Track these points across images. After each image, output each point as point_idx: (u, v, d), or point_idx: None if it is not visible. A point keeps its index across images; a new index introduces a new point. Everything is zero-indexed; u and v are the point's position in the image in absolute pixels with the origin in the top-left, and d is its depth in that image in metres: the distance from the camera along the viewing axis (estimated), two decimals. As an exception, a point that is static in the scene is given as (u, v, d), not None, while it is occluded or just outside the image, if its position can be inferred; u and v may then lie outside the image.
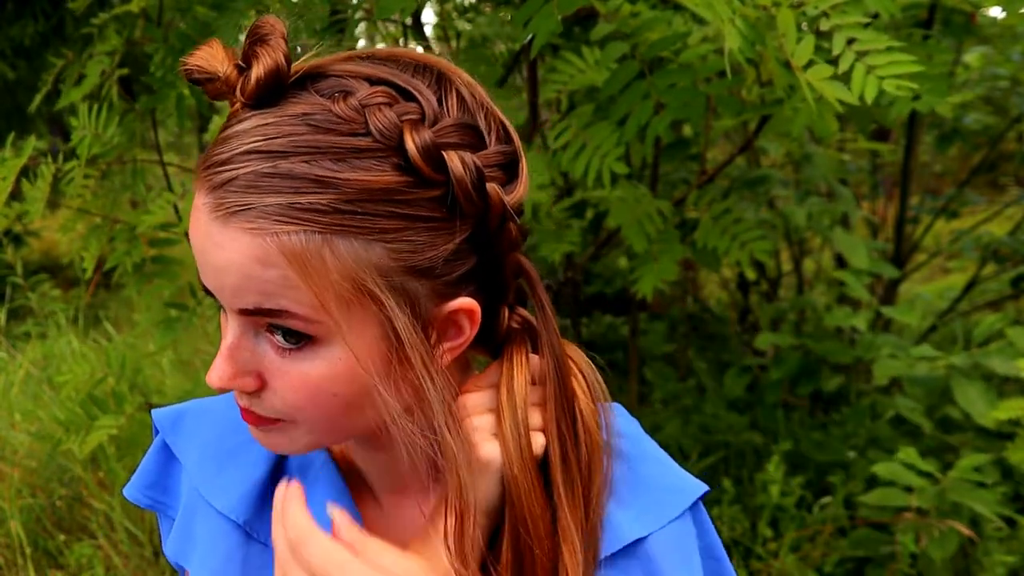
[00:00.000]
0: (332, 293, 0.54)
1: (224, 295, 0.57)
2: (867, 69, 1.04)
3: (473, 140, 0.58)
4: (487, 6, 2.36)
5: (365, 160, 0.54)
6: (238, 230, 0.53)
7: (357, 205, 0.53)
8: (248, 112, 0.55)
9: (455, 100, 0.58)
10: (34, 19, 4.06)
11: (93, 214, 1.82)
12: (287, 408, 0.59)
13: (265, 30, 0.55)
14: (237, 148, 0.54)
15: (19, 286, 3.78)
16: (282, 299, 0.55)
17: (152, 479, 0.76)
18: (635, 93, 1.33)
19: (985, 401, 2.03)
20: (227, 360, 0.58)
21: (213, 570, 0.69)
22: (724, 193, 2.23)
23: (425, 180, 0.55)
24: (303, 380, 0.57)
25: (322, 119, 0.54)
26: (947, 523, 1.90)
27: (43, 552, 2.55)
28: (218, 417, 0.74)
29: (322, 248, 0.53)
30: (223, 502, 0.70)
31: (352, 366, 0.57)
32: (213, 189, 0.54)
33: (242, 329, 0.58)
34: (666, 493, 0.68)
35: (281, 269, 0.53)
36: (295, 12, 1.42)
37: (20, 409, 3.12)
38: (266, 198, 0.53)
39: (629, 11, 1.43)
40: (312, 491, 0.71)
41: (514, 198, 0.60)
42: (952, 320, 2.96)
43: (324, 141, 0.53)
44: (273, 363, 0.58)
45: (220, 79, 0.55)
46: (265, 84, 0.54)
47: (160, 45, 1.56)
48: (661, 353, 3.05)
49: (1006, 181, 5.04)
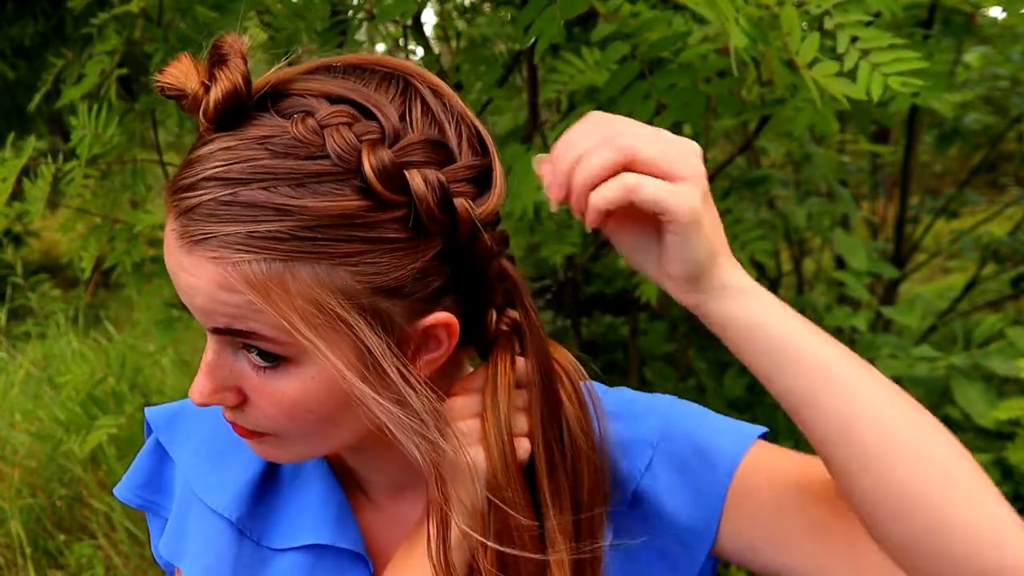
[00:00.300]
0: (298, 317, 0.54)
1: (197, 315, 0.58)
2: (872, 67, 1.04)
3: (438, 156, 0.57)
4: (487, 6, 2.36)
5: (324, 184, 0.53)
6: (201, 258, 0.54)
7: (317, 232, 0.53)
8: (211, 134, 0.55)
9: (419, 113, 0.57)
10: (34, 19, 4.06)
11: (93, 214, 1.83)
12: (269, 423, 0.60)
13: (224, 50, 0.54)
14: (200, 173, 0.54)
15: (19, 286, 3.78)
16: (251, 322, 0.55)
17: (144, 478, 0.76)
18: (636, 94, 1.33)
19: (985, 401, 2.03)
20: (207, 376, 0.59)
21: (205, 567, 0.69)
22: (724, 193, 2.23)
23: (385, 202, 0.54)
24: (279, 398, 0.58)
25: (280, 143, 0.53)
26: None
27: (43, 552, 2.55)
28: (213, 416, 0.74)
29: (283, 275, 0.53)
30: (217, 500, 0.71)
31: (326, 384, 0.57)
32: (179, 215, 0.55)
33: (219, 346, 0.59)
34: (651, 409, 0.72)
35: (244, 295, 0.54)
36: (296, 13, 1.42)
37: (20, 409, 3.13)
38: (226, 227, 0.53)
39: (629, 11, 1.43)
40: (305, 490, 0.72)
41: (485, 209, 0.58)
42: (952, 320, 2.96)
43: (282, 167, 0.53)
44: (251, 380, 0.59)
45: (189, 97, 0.55)
46: (224, 107, 0.54)
47: (160, 45, 1.56)
48: (661, 353, 3.04)
49: (1006, 181, 5.04)
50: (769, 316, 0.58)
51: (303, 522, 0.70)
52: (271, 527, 0.71)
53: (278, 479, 0.73)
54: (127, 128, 1.77)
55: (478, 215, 0.57)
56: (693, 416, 0.72)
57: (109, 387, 1.97)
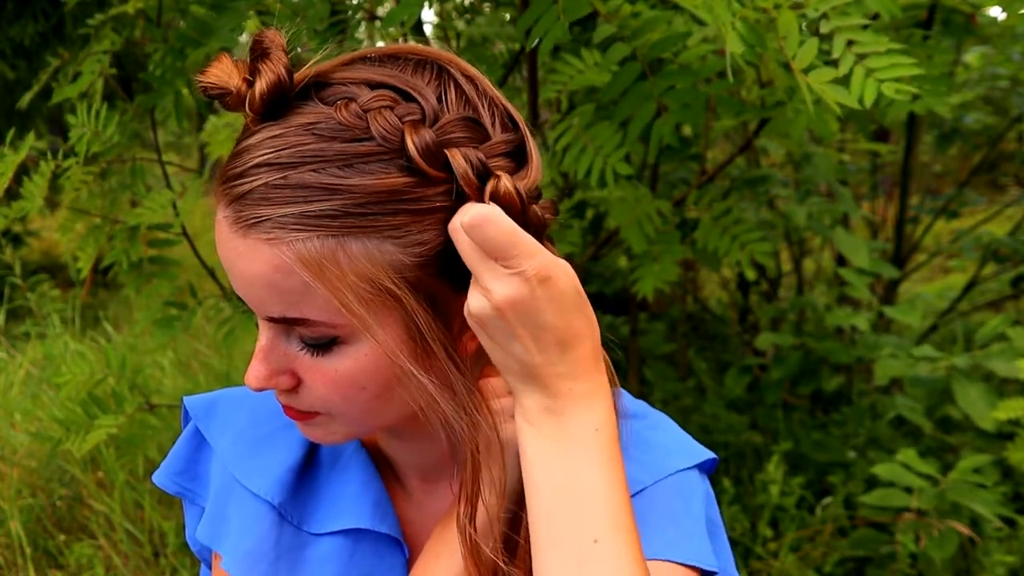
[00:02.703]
0: (352, 294, 0.56)
1: (252, 303, 0.60)
2: (866, 72, 1.04)
3: (475, 134, 0.59)
4: (487, 6, 2.36)
5: (371, 164, 0.56)
6: (256, 241, 0.56)
7: (367, 208, 0.55)
8: (258, 125, 0.58)
9: (455, 94, 0.60)
10: (34, 19, 4.06)
11: (92, 214, 1.82)
12: (321, 403, 0.62)
13: (266, 44, 0.58)
14: (249, 162, 0.57)
15: (18, 286, 3.78)
16: (304, 307, 0.57)
17: (182, 466, 0.77)
18: (637, 95, 1.33)
19: (985, 402, 2.03)
20: (262, 362, 0.61)
21: (247, 551, 0.70)
22: (724, 193, 2.23)
23: (430, 178, 0.56)
24: (333, 376, 0.60)
25: (326, 128, 0.56)
26: (946, 524, 1.90)
27: (43, 552, 2.55)
28: (252, 405, 0.76)
29: (336, 251, 0.56)
30: (258, 484, 0.72)
31: (377, 361, 0.59)
32: (231, 203, 0.57)
33: (273, 332, 0.61)
34: (672, 453, 0.72)
35: (300, 276, 0.56)
36: (295, 12, 1.42)
37: (20, 409, 3.12)
38: (279, 209, 0.55)
39: (630, 11, 1.43)
40: (345, 476, 0.73)
41: (527, 183, 0.60)
42: (952, 320, 2.96)
43: (329, 149, 0.55)
44: (305, 361, 0.61)
45: (233, 93, 0.57)
46: (269, 98, 0.57)
47: (160, 45, 1.56)
48: (661, 353, 3.05)
49: (1006, 181, 5.04)
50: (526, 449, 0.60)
51: (343, 507, 0.71)
52: (311, 512, 0.72)
53: (317, 465, 0.75)
54: (125, 127, 1.77)
55: (521, 188, 0.59)
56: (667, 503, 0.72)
57: (109, 387, 1.97)
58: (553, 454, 0.59)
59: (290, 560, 0.70)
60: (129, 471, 2.69)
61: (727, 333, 3.36)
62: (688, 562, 0.67)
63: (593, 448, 0.59)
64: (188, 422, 0.78)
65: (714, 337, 3.40)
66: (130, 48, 1.79)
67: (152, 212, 1.63)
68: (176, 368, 3.50)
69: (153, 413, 2.27)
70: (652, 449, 0.71)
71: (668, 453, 0.72)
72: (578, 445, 0.59)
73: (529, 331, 0.57)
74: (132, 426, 2.52)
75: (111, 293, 5.04)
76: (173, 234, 1.74)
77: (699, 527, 0.70)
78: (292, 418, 0.65)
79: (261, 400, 0.75)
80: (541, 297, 0.56)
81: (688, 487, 0.72)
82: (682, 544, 0.67)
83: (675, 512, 0.69)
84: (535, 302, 0.56)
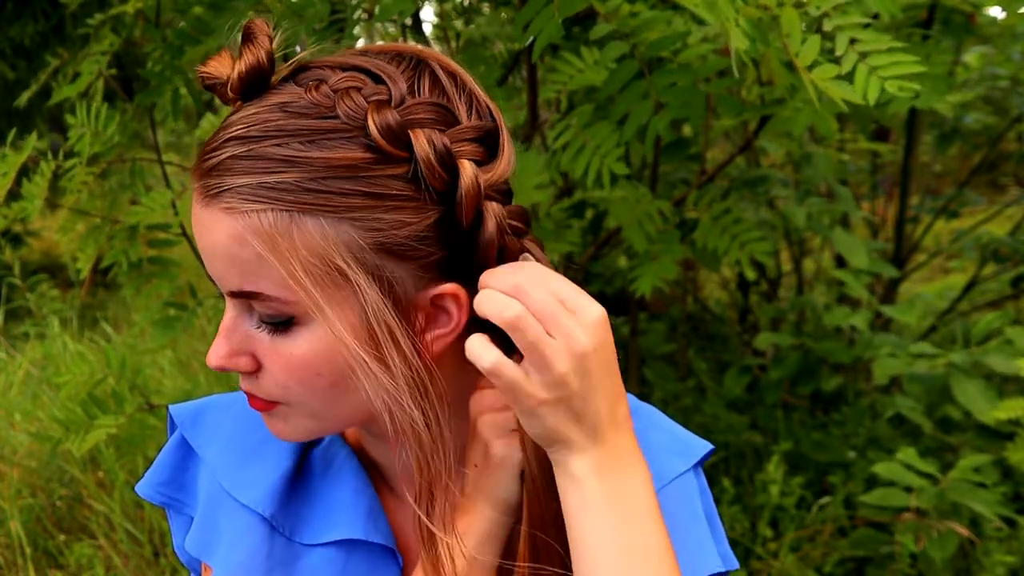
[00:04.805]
0: (303, 271, 0.57)
1: (215, 277, 0.61)
2: (869, 70, 1.04)
3: (442, 117, 0.59)
4: (486, 6, 2.36)
5: (333, 140, 0.56)
6: (216, 211, 0.57)
7: (322, 183, 0.56)
8: (239, 106, 0.59)
9: (429, 83, 0.60)
10: (34, 19, 4.06)
11: (92, 215, 1.82)
12: (280, 390, 0.62)
13: (252, 31, 0.59)
14: (222, 137, 0.58)
15: (18, 286, 3.78)
16: (259, 280, 0.58)
17: (168, 476, 0.76)
18: (634, 93, 1.33)
19: (985, 398, 2.03)
20: (223, 339, 0.62)
21: (239, 563, 0.69)
22: (724, 193, 2.22)
23: (389, 156, 0.57)
24: (288, 359, 0.60)
25: (296, 106, 0.57)
26: (946, 524, 1.90)
27: (43, 552, 2.55)
28: (240, 413, 0.75)
29: (290, 226, 0.56)
30: (249, 496, 0.71)
31: (330, 345, 0.59)
32: (202, 176, 0.58)
33: (237, 311, 0.61)
34: (672, 454, 0.72)
35: (254, 248, 0.56)
36: (294, 11, 1.42)
37: (20, 409, 3.12)
38: (239, 179, 0.56)
39: (628, 11, 1.43)
40: (337, 485, 0.72)
41: (493, 175, 0.60)
42: (952, 320, 2.95)
43: (295, 125, 0.57)
44: (264, 343, 0.61)
45: (225, 82, 0.59)
46: (248, 79, 0.58)
47: (159, 45, 1.56)
48: (661, 353, 3.04)
49: (1006, 181, 5.04)
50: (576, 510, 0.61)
51: (336, 517, 0.70)
52: (303, 522, 0.71)
53: (309, 473, 0.73)
54: (125, 127, 1.77)
55: (484, 179, 0.59)
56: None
57: (109, 387, 1.97)
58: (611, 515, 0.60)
59: (283, 573, 0.69)
60: (129, 471, 2.69)
61: (727, 333, 3.36)
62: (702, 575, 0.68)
63: (646, 506, 0.61)
64: (175, 430, 0.77)
65: (714, 337, 3.40)
66: (130, 48, 1.79)
67: (151, 212, 1.63)
68: (176, 368, 3.49)
69: (153, 413, 2.27)
70: (653, 453, 0.70)
71: (668, 455, 0.72)
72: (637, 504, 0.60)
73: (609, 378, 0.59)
74: (132, 426, 2.52)
75: (111, 293, 5.04)
76: (173, 234, 1.73)
77: (703, 530, 0.71)
78: (255, 408, 0.65)
79: (249, 408, 0.74)
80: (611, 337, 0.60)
81: (689, 490, 0.72)
82: (692, 557, 0.67)
83: (682, 522, 0.69)
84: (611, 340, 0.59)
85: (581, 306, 0.58)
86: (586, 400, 0.58)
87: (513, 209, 0.62)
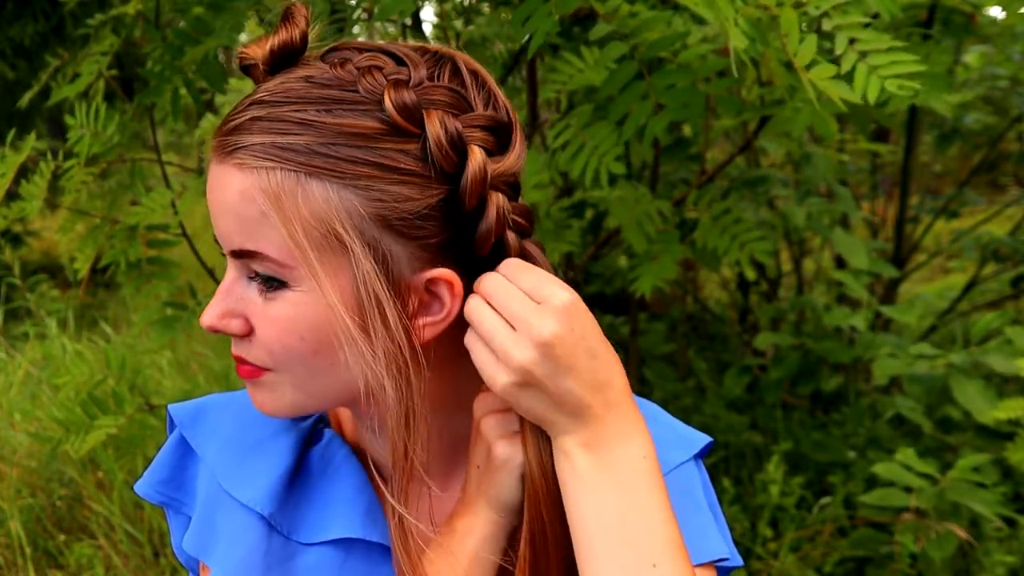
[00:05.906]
0: (303, 233, 0.58)
1: (220, 236, 0.62)
2: (869, 69, 1.04)
3: (457, 103, 0.61)
4: (486, 6, 2.36)
5: (349, 110, 0.59)
6: (230, 166, 0.59)
7: (332, 148, 0.58)
8: (267, 79, 0.62)
9: (448, 72, 0.62)
10: (34, 19, 4.06)
11: (92, 215, 1.82)
12: (266, 353, 0.63)
13: (292, 12, 0.62)
14: (246, 102, 0.60)
15: (17, 287, 3.77)
16: (260, 240, 0.59)
17: (167, 475, 0.76)
18: (634, 93, 1.33)
19: (984, 398, 2.03)
20: (219, 300, 0.63)
21: (237, 562, 0.69)
22: (724, 193, 2.22)
23: (400, 131, 0.58)
24: (275, 320, 0.61)
25: (320, 79, 0.60)
26: (945, 525, 1.90)
27: (43, 552, 2.55)
28: (239, 412, 0.75)
29: (296, 187, 0.58)
30: (247, 494, 0.70)
31: (318, 311, 0.60)
32: (221, 136, 0.60)
33: (236, 273, 0.63)
34: (670, 446, 0.73)
35: (259, 205, 0.58)
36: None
37: (19, 409, 3.12)
38: (254, 137, 0.58)
39: (628, 11, 1.43)
40: (336, 483, 0.72)
41: (501, 166, 0.62)
42: (952, 320, 2.95)
43: (316, 94, 0.59)
44: (256, 306, 0.62)
45: (259, 63, 0.62)
46: (280, 52, 0.61)
47: (158, 45, 1.56)
48: (661, 353, 3.04)
49: (1006, 181, 5.04)
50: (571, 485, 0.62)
51: (333, 515, 0.70)
52: (301, 521, 0.71)
53: (307, 473, 0.73)
54: (124, 127, 1.77)
55: (492, 169, 0.60)
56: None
57: (108, 388, 1.97)
58: (604, 485, 0.61)
59: (280, 572, 0.69)
60: (128, 471, 2.69)
61: (727, 333, 3.36)
62: (705, 561, 0.68)
63: (643, 475, 0.61)
64: (174, 430, 0.77)
65: (714, 337, 3.40)
66: (130, 49, 1.79)
67: (151, 212, 1.63)
68: (175, 368, 3.49)
69: (152, 413, 2.27)
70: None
71: (667, 447, 0.72)
72: (632, 474, 0.61)
73: (588, 360, 0.59)
74: (131, 427, 2.51)
75: (110, 293, 5.04)
76: (172, 234, 1.73)
77: (707, 519, 0.71)
78: (243, 376, 0.66)
79: (249, 406, 0.74)
80: (585, 321, 0.60)
81: (689, 480, 0.73)
82: (696, 544, 0.68)
83: (683, 510, 0.69)
84: (586, 324, 0.60)
85: (548, 294, 0.60)
86: (558, 384, 0.59)
87: (518, 205, 0.64)
